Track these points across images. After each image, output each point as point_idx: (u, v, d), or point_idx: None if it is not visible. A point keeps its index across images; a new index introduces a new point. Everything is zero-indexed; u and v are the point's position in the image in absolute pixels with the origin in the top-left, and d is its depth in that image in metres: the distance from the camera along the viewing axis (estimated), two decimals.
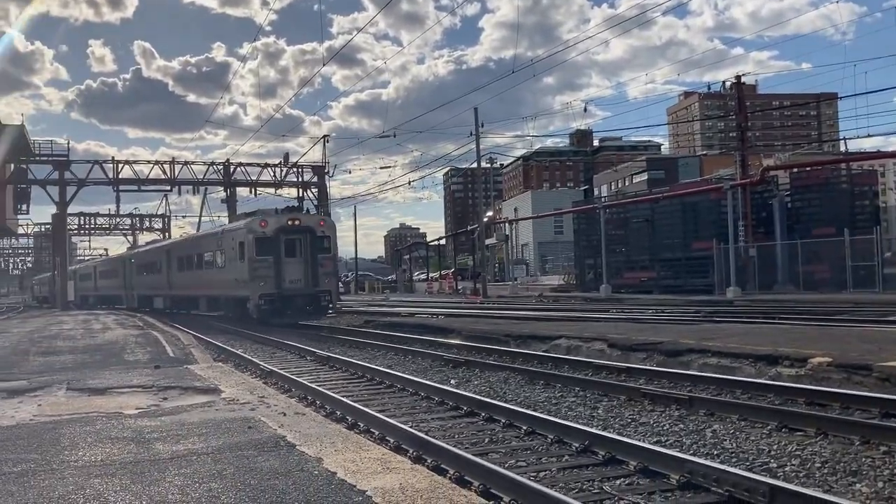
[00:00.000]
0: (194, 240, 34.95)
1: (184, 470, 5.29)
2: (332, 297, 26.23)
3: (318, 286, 25.33)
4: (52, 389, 9.83)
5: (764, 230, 33.75)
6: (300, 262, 25.34)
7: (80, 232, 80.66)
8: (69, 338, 19.24)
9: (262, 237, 24.88)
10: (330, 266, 26.37)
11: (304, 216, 26.95)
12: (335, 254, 27.73)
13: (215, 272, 28.90)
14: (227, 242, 27.39)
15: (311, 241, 25.45)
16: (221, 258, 28.13)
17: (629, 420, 8.56)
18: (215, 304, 30.02)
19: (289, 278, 24.95)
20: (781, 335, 13.44)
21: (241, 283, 25.46)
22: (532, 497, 5.42)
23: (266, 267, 24.64)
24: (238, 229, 26.61)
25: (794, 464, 6.48)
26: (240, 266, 25.68)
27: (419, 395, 10.68)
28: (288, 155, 52.90)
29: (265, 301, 24.45)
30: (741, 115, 38.00)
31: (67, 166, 47.27)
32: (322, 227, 26.28)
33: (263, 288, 24.47)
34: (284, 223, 25.27)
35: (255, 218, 26.10)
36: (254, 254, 24.77)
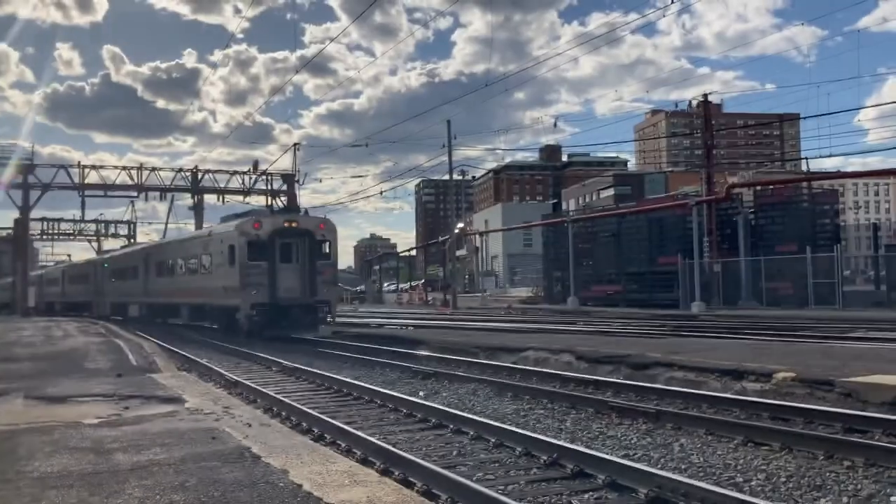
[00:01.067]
0: (177, 243, 31.73)
1: (144, 482, 5.16)
2: (332, 308, 23.51)
3: (316, 295, 22.77)
4: (9, 398, 9.58)
5: (728, 246, 34.23)
6: (297, 269, 22.84)
7: (42, 237, 79.05)
8: (29, 344, 18.83)
9: (256, 240, 22.43)
10: (329, 274, 23.82)
11: (303, 218, 24.21)
12: (335, 261, 24.93)
13: (200, 278, 26.35)
14: (216, 245, 24.74)
15: (310, 246, 22.95)
16: (208, 263, 25.50)
17: (597, 433, 8.56)
18: (199, 314, 27.82)
19: (284, 286, 22.34)
20: (746, 350, 13.58)
21: (231, 291, 22.91)
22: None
23: (259, 273, 22.18)
24: (228, 231, 23.91)
25: (759, 478, 6.52)
26: (229, 272, 23.07)
27: (387, 406, 10.59)
28: (257, 162, 52.69)
29: (257, 311, 22.00)
30: (707, 132, 38.53)
31: (31, 170, 46.43)
32: (322, 231, 23.66)
33: (256, 297, 21.98)
34: (280, 225, 22.87)
35: (248, 219, 23.50)
36: (246, 258, 22.26)
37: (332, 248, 24.02)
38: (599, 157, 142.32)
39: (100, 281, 43.18)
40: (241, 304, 22.25)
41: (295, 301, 22.44)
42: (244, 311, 22.10)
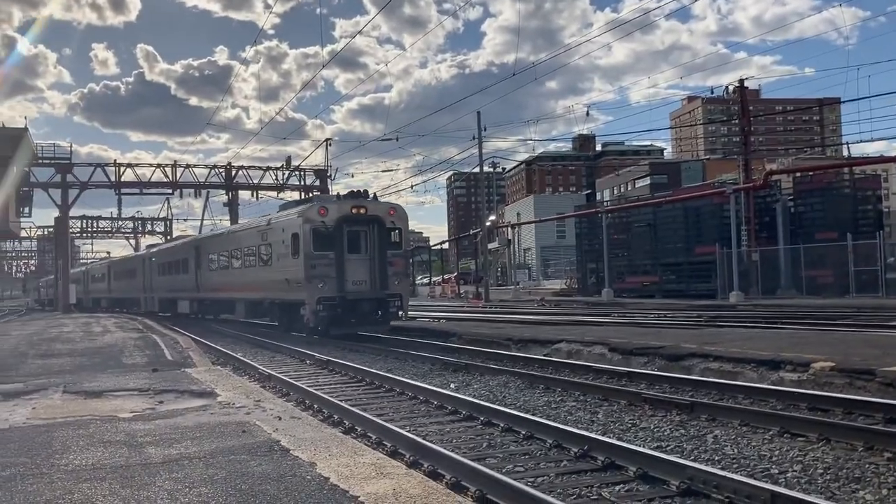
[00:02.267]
0: (231, 233, 29.15)
1: (174, 474, 5.21)
2: (403, 303, 21.41)
3: (386, 289, 20.84)
4: (48, 392, 9.76)
5: (767, 235, 33.68)
6: (365, 260, 20.97)
7: (82, 235, 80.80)
8: (68, 340, 19.18)
9: (321, 228, 20.47)
10: (401, 265, 21.83)
11: (371, 203, 21.83)
12: (407, 250, 22.99)
13: (259, 271, 24.27)
14: (276, 235, 22.64)
15: (379, 234, 20.99)
16: (268, 254, 23.43)
17: (629, 425, 8.46)
18: (256, 310, 25.74)
19: (352, 279, 20.55)
20: (784, 340, 13.34)
21: (295, 285, 21.08)
22: (529, 503, 5.32)
23: (326, 265, 20.31)
24: (291, 218, 21.82)
25: (795, 470, 6.38)
26: (292, 263, 21.19)
27: (418, 398, 10.59)
28: (290, 158, 52.93)
29: (325, 307, 20.07)
30: (744, 119, 37.92)
31: (70, 169, 47.33)
32: (392, 217, 21.51)
33: (323, 290, 20.12)
34: (347, 211, 20.80)
35: (313, 204, 21.46)
36: (311, 248, 20.39)
37: (402, 236, 21.97)
38: (634, 145, 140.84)
39: (147, 276, 41.27)
40: (306, 298, 20.40)
41: (364, 295, 20.72)
42: (310, 306, 20.21)
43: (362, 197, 22.02)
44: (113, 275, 52.29)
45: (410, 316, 24.39)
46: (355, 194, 22.04)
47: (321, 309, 20.07)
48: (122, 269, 49.99)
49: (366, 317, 20.80)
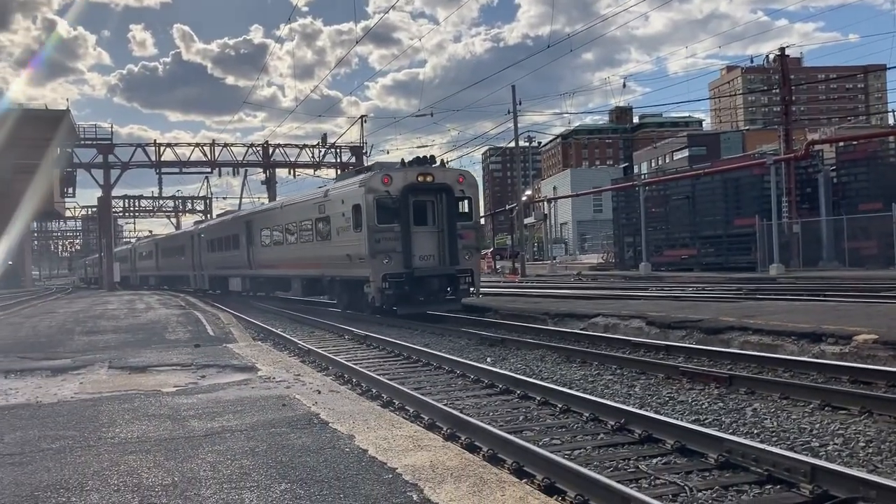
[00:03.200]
0: (285, 206, 27.22)
1: (217, 447, 5.33)
2: (474, 279, 19.57)
3: (456, 264, 19.13)
4: (95, 368, 10.02)
5: (808, 206, 33.06)
6: (434, 233, 19.33)
7: (124, 214, 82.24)
8: (113, 317, 19.63)
9: (386, 198, 18.96)
10: (471, 237, 19.95)
11: (438, 170, 19.99)
12: (478, 221, 21.04)
13: (317, 246, 22.78)
14: (335, 206, 21.12)
15: (448, 204, 19.31)
16: (326, 227, 21.90)
17: (667, 398, 8.44)
18: (314, 287, 24.32)
19: (420, 254, 18.98)
20: (826, 312, 13.13)
21: (357, 261, 19.57)
22: (566, 476, 5.35)
23: (391, 238, 18.77)
24: (351, 188, 20.25)
25: (836, 443, 6.32)
26: (354, 237, 19.65)
27: (455, 373, 10.66)
28: (326, 136, 53.14)
29: (391, 284, 18.55)
30: (785, 88, 37.07)
31: (111, 150, 48.07)
32: (461, 185, 19.81)
33: (388, 266, 18.63)
34: (413, 179, 19.10)
35: (376, 173, 19.75)
36: (375, 220, 18.87)
37: (472, 206, 20.32)
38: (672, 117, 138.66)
39: (197, 253, 39.52)
40: (370, 275, 18.85)
41: (433, 271, 19.08)
42: (375, 283, 18.68)
43: (428, 163, 19.98)
44: (161, 252, 50.75)
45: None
46: (421, 160, 19.94)
47: (387, 287, 18.56)
48: (170, 246, 48.49)
49: (435, 295, 19.18)
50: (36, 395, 7.94)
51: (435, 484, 4.27)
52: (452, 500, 3.99)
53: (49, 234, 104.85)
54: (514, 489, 4.21)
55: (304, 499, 4.11)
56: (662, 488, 5.33)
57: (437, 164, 20.62)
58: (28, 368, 10.07)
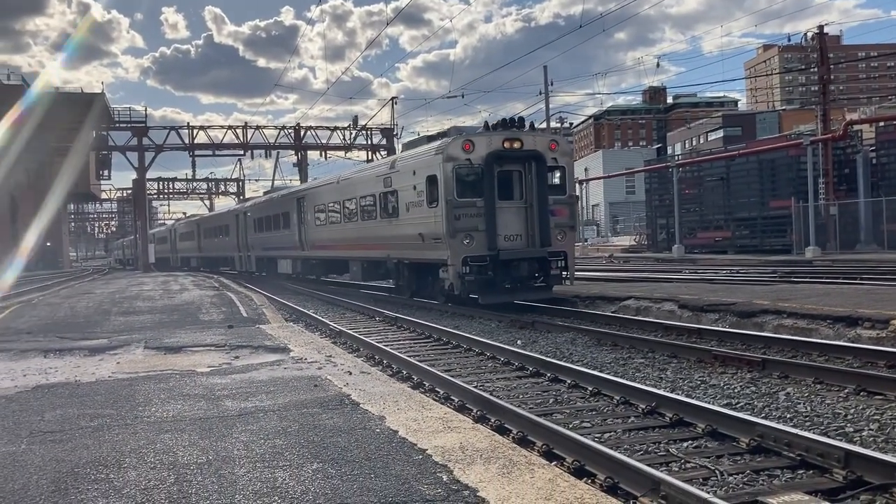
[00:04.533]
0: (343, 181, 24.21)
1: (250, 426, 5.42)
2: (568, 263, 16.90)
3: (548, 245, 16.48)
4: (131, 348, 10.21)
5: (846, 187, 32.50)
6: (521, 208, 16.73)
7: (159, 196, 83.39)
8: (148, 298, 19.94)
9: (466, 167, 16.40)
10: (565, 214, 17.21)
11: (527, 135, 17.13)
12: (572, 194, 18.01)
13: (380, 225, 20.26)
14: (404, 179, 18.49)
15: (538, 175, 16.61)
16: (392, 203, 19.38)
17: (698, 382, 8.38)
18: (375, 271, 22.01)
19: (505, 233, 16.47)
20: (862, 296, 12.93)
21: (432, 241, 17.14)
22: (595, 458, 5.36)
23: (473, 215, 16.24)
24: (425, 157, 17.60)
25: (872, 429, 6.23)
26: (429, 214, 17.13)
27: (485, 355, 10.69)
28: (357, 118, 53.21)
29: (472, 268, 16.08)
30: (823, 67, 36.30)
31: (145, 133, 48.63)
32: (554, 153, 17.03)
33: (469, 247, 16.14)
34: (499, 146, 16.44)
35: (455, 138, 16.84)
36: (454, 194, 16.27)
37: (566, 177, 17.52)
38: (707, 97, 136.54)
39: (242, 233, 37.05)
40: (448, 258, 16.43)
41: (521, 253, 16.49)
42: (454, 268, 16.26)
43: (516, 127, 17.15)
44: (203, 232, 48.26)
45: None
46: (507, 123, 17.22)
47: (467, 271, 16.08)
48: (213, 226, 45.81)
49: (523, 281, 16.62)
50: (75, 374, 8.12)
51: (465, 465, 4.30)
52: (482, 481, 4.02)
53: (85, 215, 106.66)
54: (543, 471, 4.22)
55: (335, 478, 4.17)
56: (693, 472, 5.31)
57: (528, 128, 17.62)
58: (67, 348, 10.29)
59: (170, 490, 4.08)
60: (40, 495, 4.08)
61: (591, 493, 3.94)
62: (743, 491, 4.94)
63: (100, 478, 4.34)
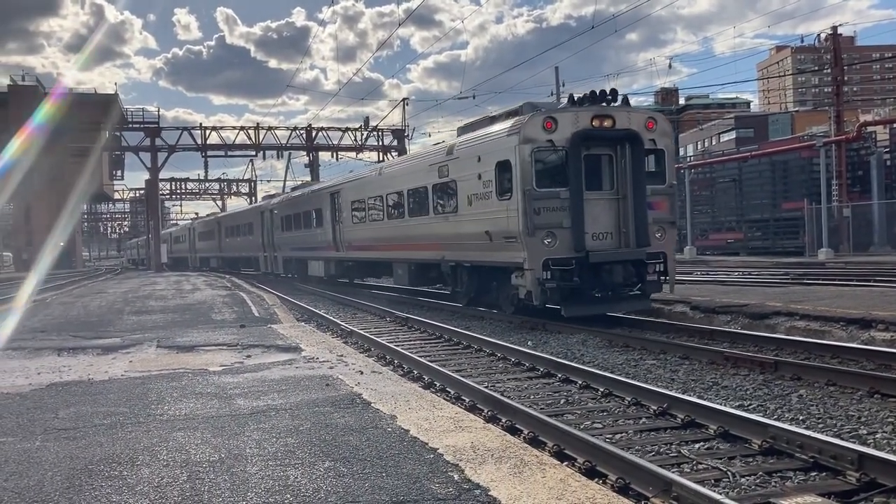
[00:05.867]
0: (387, 171, 21.33)
1: (262, 425, 5.44)
2: (668, 267, 14.05)
3: (645, 244, 13.62)
4: (143, 347, 10.27)
5: (860, 189, 32.35)
6: (612, 200, 13.89)
7: (171, 197, 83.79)
8: (161, 298, 20.05)
9: (548, 151, 13.56)
10: (664, 207, 14.38)
11: (620, 111, 14.06)
12: (672, 183, 14.90)
13: (435, 222, 17.32)
14: (465, 166, 15.53)
15: (634, 160, 13.72)
16: (449, 196, 16.48)
17: (710, 383, 8.36)
18: (426, 275, 19.16)
19: (592, 231, 13.58)
20: (876, 298, 12.85)
21: (502, 241, 14.26)
22: (607, 459, 5.35)
23: (556, 208, 13.39)
24: (495, 138, 14.51)
25: (886, 431, 6.20)
26: (498, 208, 14.28)
27: (496, 355, 10.69)
28: (368, 119, 53.42)
29: (555, 273, 13.24)
30: (837, 68, 36.14)
31: (158, 133, 48.88)
32: (651, 133, 14.10)
33: (551, 248, 13.29)
34: (587, 124, 13.58)
35: (534, 115, 13.77)
36: (532, 183, 13.40)
37: (666, 162, 14.59)
38: (719, 98, 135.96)
39: (268, 232, 34.43)
40: (525, 260, 13.53)
41: (615, 255, 13.61)
42: (533, 272, 13.36)
43: (607, 101, 14.09)
44: (224, 231, 45.07)
45: None
46: (596, 97, 14.07)
47: (548, 277, 13.25)
48: (235, 225, 42.74)
49: (615, 289, 13.82)
50: (88, 372, 8.17)
51: (476, 464, 4.30)
52: (493, 480, 4.02)
53: (98, 215, 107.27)
54: (554, 471, 4.22)
55: (347, 476, 4.18)
56: (705, 473, 5.29)
57: (621, 102, 14.28)
58: (80, 347, 10.36)
59: (182, 487, 4.10)
60: (55, 491, 4.11)
61: (603, 493, 3.94)
62: (755, 493, 4.92)
63: (113, 475, 4.37)
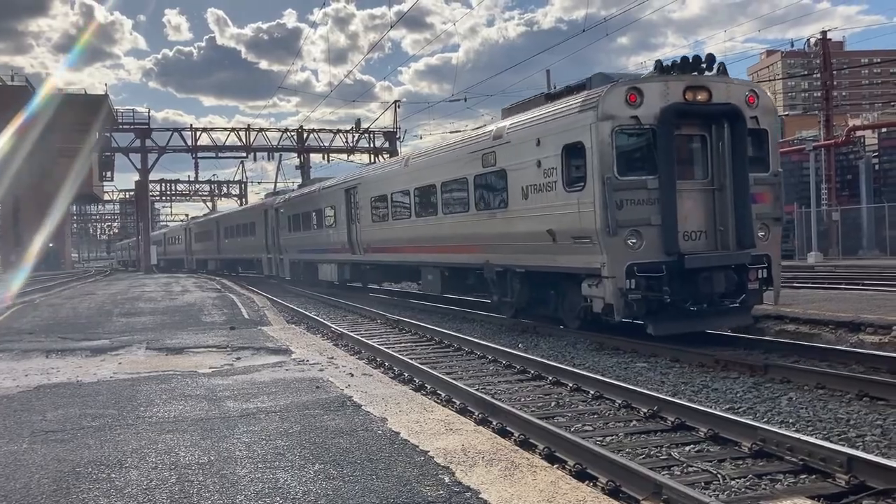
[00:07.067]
0: (414, 161, 18.41)
1: (252, 427, 5.41)
2: (772, 273, 11.50)
3: (749, 245, 11.13)
4: (132, 348, 10.21)
5: (849, 193, 32.55)
6: (707, 191, 11.38)
7: (161, 198, 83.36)
8: (150, 300, 19.93)
9: (632, 130, 11.05)
10: (768, 200, 11.86)
11: (716, 81, 11.49)
12: (777, 171, 12.18)
13: (476, 219, 14.81)
14: (520, 152, 13.01)
15: (733, 141, 11.28)
16: (496, 189, 14.00)
17: (700, 386, 8.38)
18: (461, 280, 16.74)
19: (683, 229, 11.04)
20: (865, 302, 12.92)
21: (570, 241, 11.71)
22: (597, 462, 5.35)
23: (643, 201, 10.93)
24: (564, 116, 11.88)
25: (875, 434, 6.23)
26: (566, 201, 11.71)
27: (486, 358, 10.69)
28: (359, 121, 53.29)
29: (640, 281, 10.66)
30: (826, 73, 36.37)
31: (148, 134, 48.69)
32: (752, 109, 11.56)
33: (636, 250, 10.80)
34: (679, 98, 11.08)
35: (614, 86, 11.18)
36: (614, 169, 10.87)
37: (770, 145, 12.01)
38: None
39: (272, 232, 31.95)
40: (603, 266, 10.99)
41: (714, 259, 11.00)
42: (615, 280, 10.78)
43: (698, 72, 11.56)
44: (223, 231, 42.38)
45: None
46: (687, 65, 11.46)
47: (632, 286, 10.67)
48: (235, 224, 40.04)
49: (713, 301, 11.15)
50: (76, 374, 8.12)
51: (466, 467, 4.29)
52: (484, 483, 4.01)
53: (88, 216, 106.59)
54: (545, 474, 4.21)
55: (337, 479, 4.16)
56: (695, 476, 5.30)
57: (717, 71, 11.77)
58: (68, 349, 10.29)
59: (171, 490, 4.08)
60: (42, 494, 4.08)
61: (594, 495, 3.94)
62: (745, 495, 4.93)
63: (101, 477, 4.34)
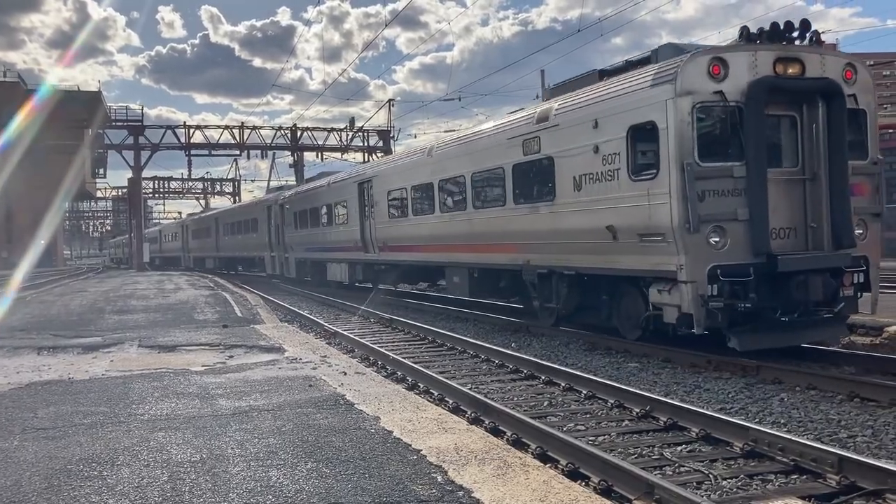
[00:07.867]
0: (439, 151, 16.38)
1: (244, 425, 5.41)
2: (870, 275, 9.94)
3: (849, 245, 9.60)
4: (125, 346, 10.19)
5: None
6: (796, 181, 9.82)
7: (154, 195, 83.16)
8: (143, 297, 19.89)
9: (716, 107, 9.45)
10: (867, 192, 10.25)
11: (809, 52, 9.82)
12: (876, 157, 10.42)
13: (517, 213, 13.08)
14: (572, 135, 11.32)
15: (831, 123, 9.71)
16: (541, 180, 12.38)
17: (693, 387, 8.40)
18: (497, 283, 14.95)
19: (774, 224, 9.49)
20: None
21: (636, 238, 10.11)
22: (590, 461, 5.36)
23: (728, 191, 9.37)
24: (628, 91, 10.28)
25: (865, 435, 6.25)
26: (631, 192, 10.16)
27: (479, 357, 10.69)
28: (353, 119, 53.48)
29: (724, 287, 9.10)
30: None
31: (142, 131, 48.49)
32: (850, 86, 9.95)
33: (719, 250, 9.21)
34: (769, 71, 9.47)
35: (694, 55, 9.51)
36: (694, 154, 9.27)
37: (868, 127, 10.31)
38: None
39: (276, 229, 30.38)
40: (680, 268, 9.37)
41: (810, 262, 9.42)
42: (695, 286, 9.19)
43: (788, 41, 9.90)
44: (222, 228, 40.72)
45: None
46: (777, 32, 9.76)
47: (715, 292, 9.10)
48: (235, 221, 38.37)
49: (807, 310, 9.49)
50: (68, 371, 8.09)
51: (459, 466, 4.30)
52: (476, 482, 4.02)
53: (80, 214, 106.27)
54: (537, 473, 4.22)
55: (329, 477, 4.16)
56: (687, 476, 5.32)
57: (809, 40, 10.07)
58: (60, 346, 10.26)
59: (163, 488, 4.07)
60: (33, 492, 4.07)
61: (586, 495, 3.95)
62: (737, 495, 4.95)
63: (93, 475, 4.33)
